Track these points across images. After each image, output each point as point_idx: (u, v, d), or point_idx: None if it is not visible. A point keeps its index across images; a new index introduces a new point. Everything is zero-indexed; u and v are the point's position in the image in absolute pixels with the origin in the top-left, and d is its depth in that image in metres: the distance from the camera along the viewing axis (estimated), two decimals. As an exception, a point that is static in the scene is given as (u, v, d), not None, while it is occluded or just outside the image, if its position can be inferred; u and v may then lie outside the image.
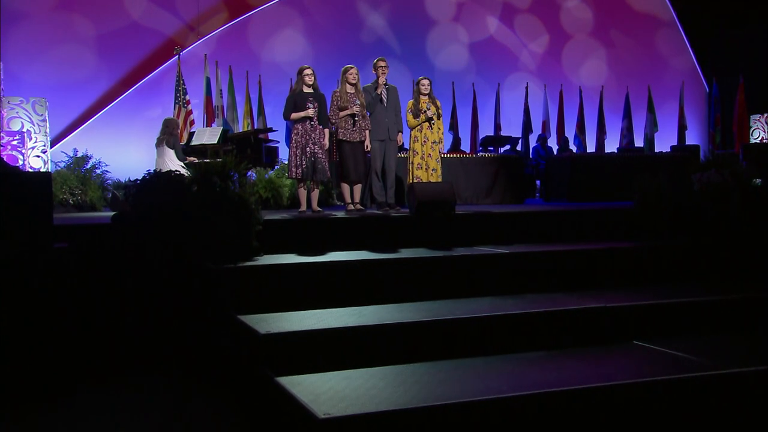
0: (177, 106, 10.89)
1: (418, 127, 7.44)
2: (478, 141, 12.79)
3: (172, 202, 4.60)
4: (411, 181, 7.31)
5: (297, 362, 3.53)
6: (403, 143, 7.53)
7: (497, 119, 13.61)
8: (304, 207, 6.92)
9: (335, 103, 7.06)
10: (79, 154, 9.29)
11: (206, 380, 4.07)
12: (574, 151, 13.33)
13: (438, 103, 7.56)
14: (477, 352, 3.85)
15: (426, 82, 7.53)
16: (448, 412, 2.97)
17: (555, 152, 12.86)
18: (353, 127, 6.99)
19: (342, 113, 6.95)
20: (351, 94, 7.04)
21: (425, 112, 7.38)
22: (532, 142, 13.34)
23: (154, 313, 4.31)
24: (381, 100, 7.24)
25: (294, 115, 6.79)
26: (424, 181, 7.25)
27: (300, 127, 6.79)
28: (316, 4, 12.90)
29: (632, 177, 6.28)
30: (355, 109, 6.91)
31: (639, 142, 14.07)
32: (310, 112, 6.74)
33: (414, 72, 11.85)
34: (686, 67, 15.39)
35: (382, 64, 7.33)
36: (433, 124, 7.45)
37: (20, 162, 8.16)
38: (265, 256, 4.88)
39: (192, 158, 8.42)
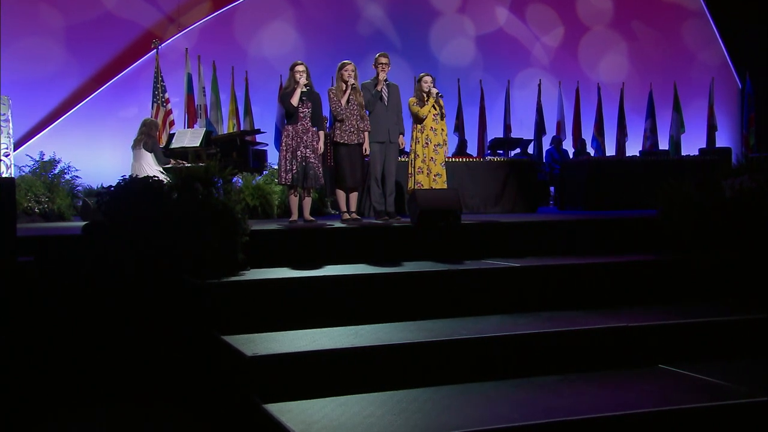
0: (155, 105, 10.92)
1: (420, 127, 7.46)
2: (486, 144, 12.84)
3: (150, 210, 4.61)
4: (412, 188, 7.33)
5: (287, 387, 3.53)
6: (404, 146, 7.55)
7: (507, 119, 13.64)
8: (295, 216, 6.93)
9: (333, 100, 7.07)
10: (46, 158, 9.28)
11: (187, 407, 4.06)
12: (592, 154, 13.37)
13: (441, 102, 7.58)
14: (485, 376, 3.85)
15: (429, 79, 7.56)
16: (454, 442, 2.97)
17: (571, 156, 12.90)
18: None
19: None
20: (345, 92, 7.05)
21: (429, 91, 7.40)
22: (546, 144, 13.38)
23: (130, 333, 4.31)
24: (381, 98, 7.27)
25: (293, 99, 6.71)
26: (427, 187, 7.26)
27: (291, 128, 6.80)
28: (309, -7, 12.97)
29: (656, 183, 6.29)
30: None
31: (664, 145, 14.11)
32: (303, 80, 6.71)
33: (415, 68, 11.86)
34: (716, 62, 15.42)
35: (384, 60, 7.36)
36: (441, 97, 7.49)
37: (-19, 167, 8.18)
38: (252, 270, 4.89)
39: (172, 162, 8.44)
